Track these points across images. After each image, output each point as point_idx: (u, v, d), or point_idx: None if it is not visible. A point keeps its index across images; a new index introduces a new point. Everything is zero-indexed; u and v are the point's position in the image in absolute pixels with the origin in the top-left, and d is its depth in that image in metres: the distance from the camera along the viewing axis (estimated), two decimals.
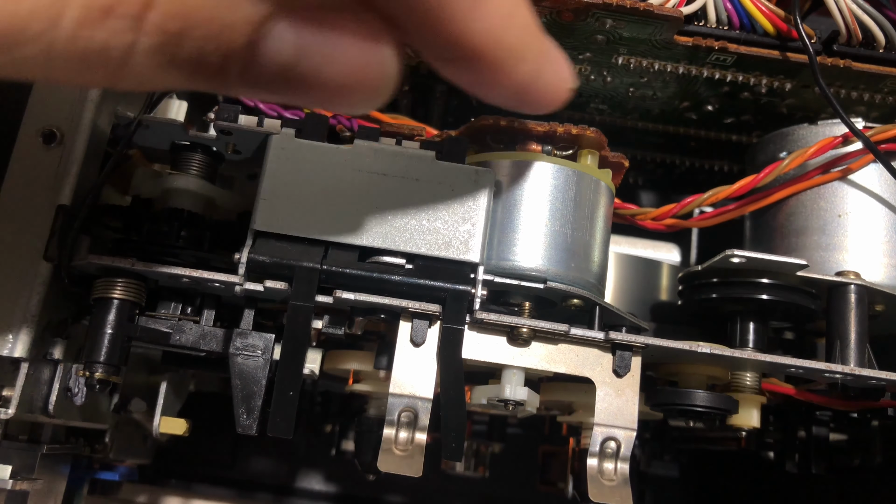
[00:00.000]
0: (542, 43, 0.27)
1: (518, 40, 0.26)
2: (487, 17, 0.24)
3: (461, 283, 0.36)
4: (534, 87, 0.28)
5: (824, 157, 0.45)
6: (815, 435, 0.51)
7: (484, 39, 0.25)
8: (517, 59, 0.26)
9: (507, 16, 0.25)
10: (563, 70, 0.29)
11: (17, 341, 0.37)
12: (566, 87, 0.29)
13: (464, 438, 0.36)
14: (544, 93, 0.29)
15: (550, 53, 0.28)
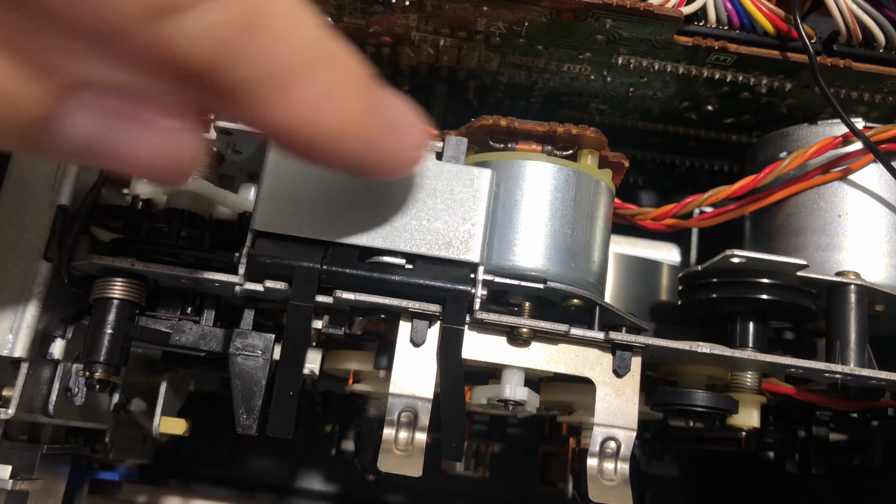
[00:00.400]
0: (371, 119, 0.28)
1: (337, 121, 0.26)
2: (295, 102, 0.25)
3: (461, 283, 0.36)
4: (369, 159, 0.29)
5: (824, 157, 0.45)
6: (815, 435, 0.51)
7: (295, 124, 0.25)
8: (340, 138, 0.27)
9: (321, 99, 0.25)
10: (407, 136, 0.30)
11: (17, 341, 0.37)
12: (414, 153, 0.30)
13: (464, 438, 0.36)
14: (384, 163, 0.29)
15: (385, 126, 0.28)
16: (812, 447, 0.51)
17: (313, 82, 0.25)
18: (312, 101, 0.25)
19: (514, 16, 0.43)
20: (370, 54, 0.49)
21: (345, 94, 0.26)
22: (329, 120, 0.26)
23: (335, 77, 0.26)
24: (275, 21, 0.23)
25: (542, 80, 0.50)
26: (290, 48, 0.24)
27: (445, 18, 0.44)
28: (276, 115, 0.25)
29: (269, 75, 0.24)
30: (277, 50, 0.23)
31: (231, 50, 0.23)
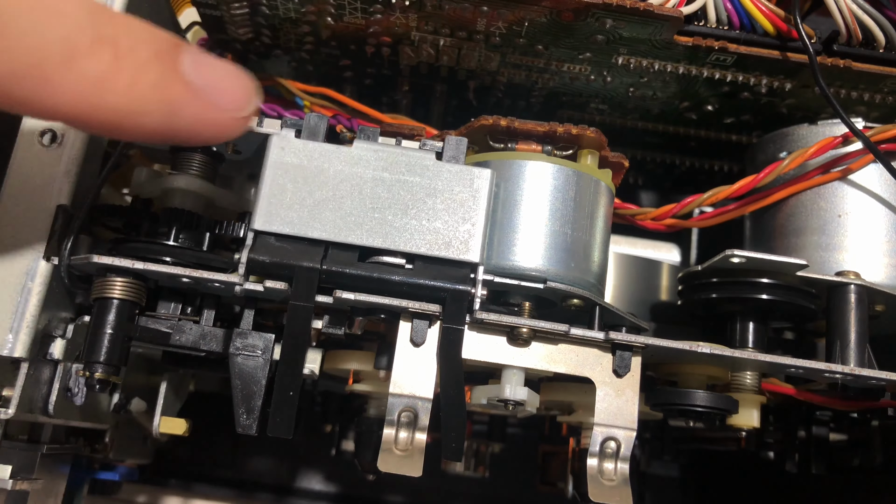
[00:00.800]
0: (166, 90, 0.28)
1: (123, 100, 0.26)
2: (66, 90, 0.25)
3: (461, 283, 0.36)
4: (175, 130, 0.29)
5: (824, 157, 0.45)
6: (815, 435, 0.51)
7: (76, 110, 0.26)
8: (133, 114, 0.27)
9: (95, 82, 0.25)
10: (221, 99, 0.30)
11: (17, 341, 0.37)
12: (232, 114, 0.30)
13: (464, 438, 0.36)
14: (195, 130, 0.30)
15: (188, 94, 0.29)
16: (812, 447, 0.51)
17: (79, 69, 0.25)
18: (86, 85, 0.25)
19: (514, 16, 0.43)
20: (370, 54, 0.49)
21: (123, 74, 0.26)
22: (113, 100, 0.26)
23: (106, 59, 0.26)
24: (14, 18, 0.23)
25: (542, 80, 0.50)
26: (39, 43, 0.24)
27: (445, 18, 0.44)
28: (52, 103, 0.25)
29: (21, 71, 0.24)
30: (22, 48, 0.24)
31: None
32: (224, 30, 0.49)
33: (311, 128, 0.38)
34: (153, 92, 0.27)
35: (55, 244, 0.38)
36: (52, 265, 0.38)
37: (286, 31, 0.48)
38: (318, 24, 0.47)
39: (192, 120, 0.29)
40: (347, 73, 0.52)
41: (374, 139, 0.39)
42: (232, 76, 0.30)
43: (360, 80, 0.53)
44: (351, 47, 0.49)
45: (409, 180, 0.37)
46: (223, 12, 0.47)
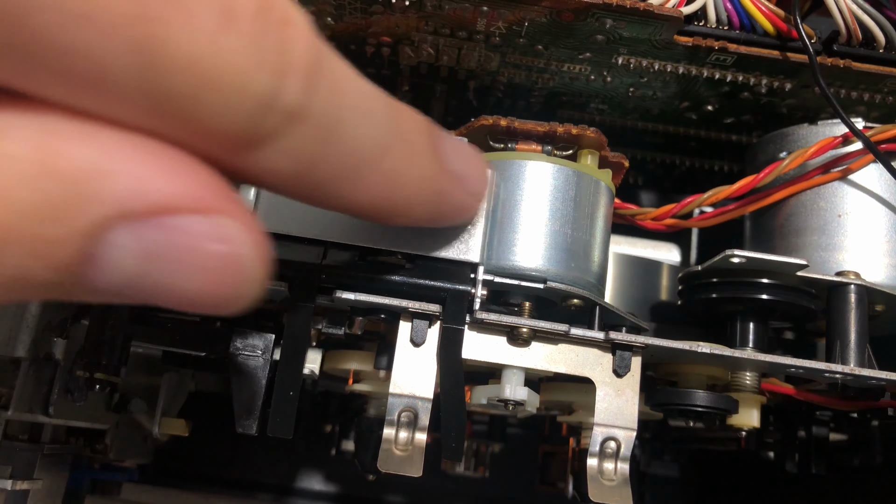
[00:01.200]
0: (440, 180, 0.27)
1: (410, 193, 0.26)
2: (369, 186, 0.25)
3: (461, 283, 0.36)
4: (439, 215, 0.29)
5: (824, 157, 0.45)
6: (815, 435, 0.51)
7: (369, 204, 0.25)
8: (413, 205, 0.27)
9: (393, 178, 0.25)
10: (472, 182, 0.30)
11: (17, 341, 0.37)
12: (480, 196, 0.30)
13: (464, 438, 0.36)
14: (453, 215, 0.30)
15: (453, 181, 0.28)
16: (812, 447, 0.51)
17: (385, 165, 0.25)
18: (386, 181, 0.25)
19: (514, 16, 0.43)
20: (370, 54, 0.49)
21: (415, 167, 0.26)
22: (402, 194, 0.26)
23: (405, 153, 0.25)
24: (350, 123, 0.23)
25: (542, 80, 0.50)
26: (363, 142, 0.24)
27: (445, 18, 0.44)
28: (351, 200, 0.25)
29: (344, 171, 0.23)
30: (351, 149, 0.23)
31: (310, 163, 0.22)
32: None
33: None
34: (431, 184, 0.27)
35: None
36: None
37: None
38: (318, 24, 0.47)
39: (452, 207, 0.29)
40: None
41: None
42: (476, 160, 0.30)
43: None
44: (351, 47, 0.49)
45: None
46: None
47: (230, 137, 0.20)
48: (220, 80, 0.19)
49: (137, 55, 0.18)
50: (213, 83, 0.19)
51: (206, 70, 0.19)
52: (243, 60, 0.19)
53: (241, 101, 0.20)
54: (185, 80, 0.19)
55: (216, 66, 0.19)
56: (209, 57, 0.19)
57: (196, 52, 0.19)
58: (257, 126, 0.20)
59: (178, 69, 0.18)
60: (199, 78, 0.19)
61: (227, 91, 0.19)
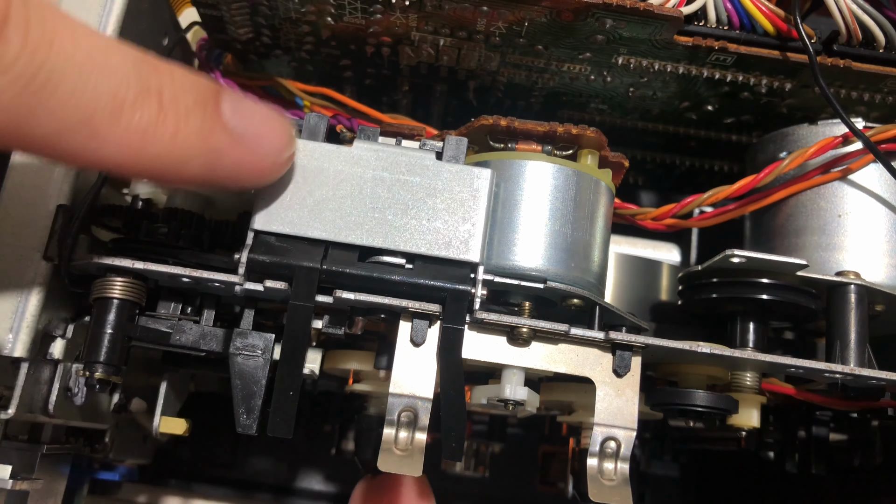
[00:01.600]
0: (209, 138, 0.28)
1: (167, 149, 0.27)
2: (112, 142, 0.25)
3: (461, 282, 0.36)
4: (217, 176, 0.29)
5: (824, 157, 0.45)
6: (815, 435, 0.51)
7: (122, 160, 0.26)
8: (177, 163, 0.27)
9: (140, 134, 0.26)
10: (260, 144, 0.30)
11: (17, 341, 0.37)
12: (272, 159, 0.31)
13: (464, 438, 0.36)
14: (236, 176, 0.30)
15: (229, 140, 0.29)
16: (812, 447, 0.51)
17: (129, 119, 0.25)
18: (132, 137, 0.25)
19: (514, 16, 0.43)
20: (370, 54, 0.49)
21: (168, 124, 0.26)
22: (158, 150, 0.26)
23: (151, 110, 0.26)
24: (66, 76, 0.23)
25: (542, 80, 0.50)
26: (88, 99, 0.24)
27: (445, 18, 0.44)
28: (99, 155, 0.25)
29: (71, 126, 0.24)
30: (72, 104, 0.24)
31: (24, 113, 0.23)
32: (224, 30, 0.49)
33: (311, 128, 0.38)
34: (196, 140, 0.28)
35: (55, 244, 0.38)
36: (52, 265, 0.38)
37: (286, 31, 0.48)
38: (318, 24, 0.47)
39: (232, 166, 0.30)
40: (347, 73, 0.52)
41: (374, 139, 0.39)
42: (271, 121, 0.31)
43: (360, 80, 0.53)
44: (351, 47, 0.49)
45: (409, 180, 0.37)
46: (223, 12, 0.47)
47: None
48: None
49: None
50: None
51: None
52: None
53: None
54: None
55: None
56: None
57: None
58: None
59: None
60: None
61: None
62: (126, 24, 0.42)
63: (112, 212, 0.41)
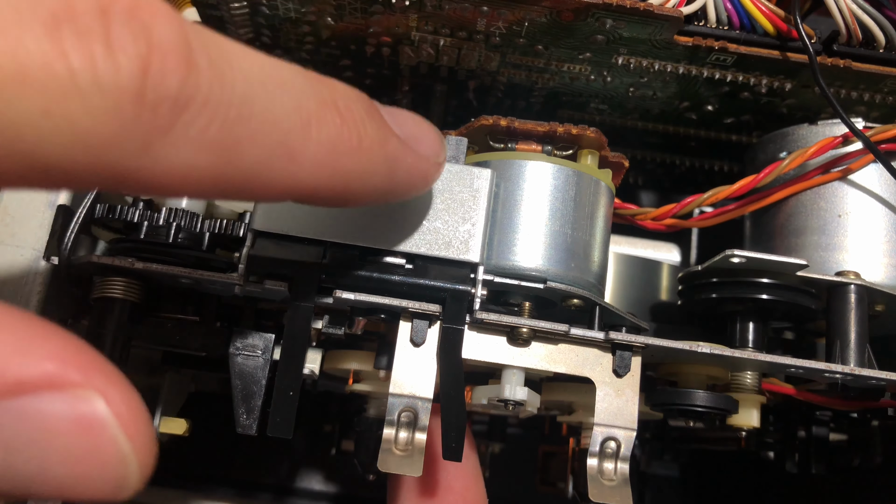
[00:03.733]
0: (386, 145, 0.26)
1: (355, 162, 0.25)
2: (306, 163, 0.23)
3: (461, 283, 0.36)
4: (397, 184, 0.28)
5: (824, 157, 0.45)
6: (815, 435, 0.51)
7: (314, 182, 0.24)
8: (364, 176, 0.26)
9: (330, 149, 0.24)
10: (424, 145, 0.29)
11: None
12: (436, 159, 0.30)
13: (464, 438, 0.36)
14: (413, 181, 0.29)
15: (401, 146, 0.27)
16: (812, 447, 0.51)
17: (318, 134, 0.24)
18: (324, 153, 0.24)
19: (514, 16, 0.43)
20: (370, 54, 0.49)
21: (352, 134, 0.25)
22: (347, 163, 0.25)
23: (335, 121, 0.24)
24: (261, 95, 0.22)
25: (542, 80, 0.50)
26: (281, 117, 0.22)
27: (445, 18, 0.44)
28: (298, 180, 0.24)
29: (272, 150, 0.22)
30: (270, 126, 0.22)
31: (229, 148, 0.21)
32: (224, 30, 0.49)
33: None
34: (378, 149, 0.26)
35: (55, 244, 0.38)
36: (52, 265, 0.38)
37: (286, 31, 0.48)
38: (318, 24, 0.47)
39: (407, 173, 0.28)
40: (347, 73, 0.52)
41: None
42: (423, 123, 0.30)
43: (360, 80, 0.53)
44: (351, 47, 0.49)
45: None
46: (223, 12, 0.47)
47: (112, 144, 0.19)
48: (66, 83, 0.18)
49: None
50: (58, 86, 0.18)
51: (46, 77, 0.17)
52: (87, 56, 0.18)
53: (103, 100, 0.18)
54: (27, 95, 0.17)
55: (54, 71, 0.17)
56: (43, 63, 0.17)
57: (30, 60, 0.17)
58: (139, 122, 0.19)
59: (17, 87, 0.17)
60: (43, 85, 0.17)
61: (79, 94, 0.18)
62: None
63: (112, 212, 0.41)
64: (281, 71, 0.23)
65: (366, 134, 0.25)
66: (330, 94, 0.25)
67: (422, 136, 0.29)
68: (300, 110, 0.23)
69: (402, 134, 0.28)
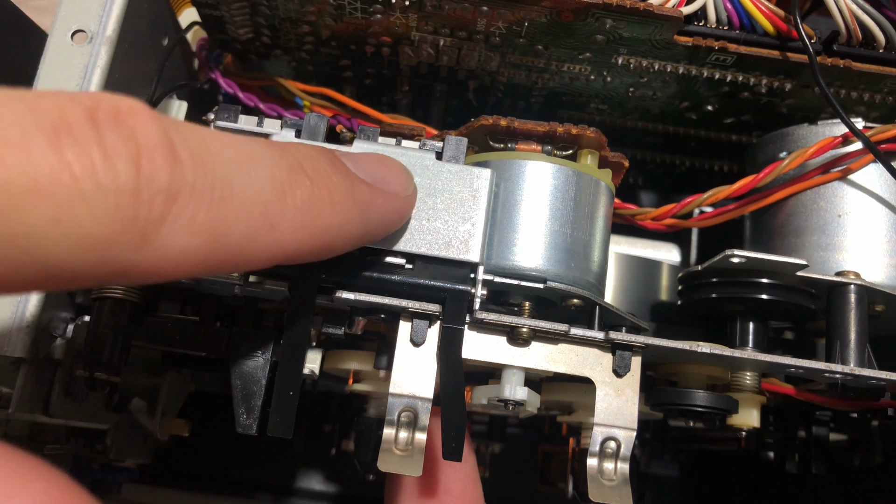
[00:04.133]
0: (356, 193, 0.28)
1: (331, 217, 0.27)
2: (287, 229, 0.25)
3: (461, 283, 0.36)
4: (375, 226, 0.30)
5: (824, 157, 0.45)
6: (815, 435, 0.51)
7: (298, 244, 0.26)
8: (341, 227, 0.28)
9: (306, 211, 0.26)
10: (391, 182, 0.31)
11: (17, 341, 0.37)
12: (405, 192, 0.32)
13: (464, 438, 0.36)
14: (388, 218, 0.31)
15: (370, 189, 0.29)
16: (812, 447, 0.51)
17: (293, 200, 0.25)
18: (302, 215, 0.26)
19: (514, 16, 0.43)
20: (370, 54, 0.49)
21: (323, 192, 0.27)
22: (323, 221, 0.26)
23: (306, 184, 0.26)
24: (237, 173, 0.23)
25: (542, 80, 0.50)
26: (258, 191, 0.24)
27: (445, 18, 0.44)
28: (280, 246, 0.25)
29: (255, 222, 0.24)
30: (250, 201, 0.24)
31: (217, 228, 0.23)
32: (224, 30, 0.49)
33: (311, 128, 0.38)
34: (349, 201, 0.28)
35: None
36: None
37: (286, 31, 0.48)
38: (318, 24, 0.47)
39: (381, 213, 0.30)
40: (347, 73, 0.53)
41: (374, 139, 0.39)
42: (385, 161, 0.32)
43: (360, 80, 0.53)
44: (351, 47, 0.49)
45: None
46: (223, 12, 0.47)
47: (114, 241, 0.20)
48: (72, 191, 0.19)
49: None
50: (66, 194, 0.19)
51: (55, 187, 0.19)
52: (88, 164, 0.19)
53: (105, 202, 0.20)
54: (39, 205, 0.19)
55: (62, 181, 0.19)
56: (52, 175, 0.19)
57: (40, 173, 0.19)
58: (137, 218, 0.20)
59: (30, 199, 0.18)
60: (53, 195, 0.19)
61: (84, 199, 0.19)
62: (126, 24, 0.42)
63: None
64: (251, 147, 0.25)
65: (335, 188, 0.27)
66: (296, 159, 0.26)
67: (387, 175, 0.31)
68: (274, 181, 0.25)
69: (368, 178, 0.30)
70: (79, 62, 0.40)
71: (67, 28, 0.41)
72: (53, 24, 0.41)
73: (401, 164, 0.33)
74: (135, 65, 0.44)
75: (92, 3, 0.41)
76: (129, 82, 0.43)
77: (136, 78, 0.44)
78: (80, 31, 0.41)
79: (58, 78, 0.39)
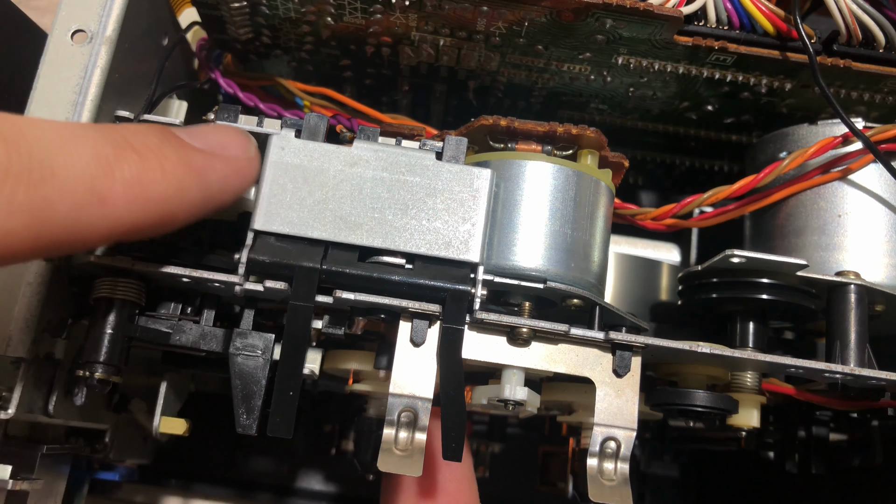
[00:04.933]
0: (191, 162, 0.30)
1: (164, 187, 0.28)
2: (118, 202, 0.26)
3: (461, 283, 0.36)
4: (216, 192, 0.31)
5: (824, 157, 0.45)
6: (815, 435, 0.51)
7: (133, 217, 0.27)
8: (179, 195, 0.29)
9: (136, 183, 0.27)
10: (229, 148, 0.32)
11: (17, 341, 0.37)
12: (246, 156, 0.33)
13: (464, 438, 0.36)
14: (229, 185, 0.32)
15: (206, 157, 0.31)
16: (812, 447, 0.51)
17: (120, 176, 0.26)
18: (132, 187, 0.27)
19: (514, 16, 0.43)
20: (370, 54, 0.49)
21: (153, 164, 0.28)
22: (159, 189, 0.28)
23: (133, 158, 0.27)
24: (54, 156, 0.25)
25: (542, 80, 0.50)
26: (82, 168, 0.25)
27: (445, 18, 0.44)
28: (115, 218, 0.26)
29: (82, 196, 0.25)
30: (73, 179, 0.25)
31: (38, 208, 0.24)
32: (224, 30, 0.49)
33: (311, 128, 0.38)
34: (182, 169, 0.29)
35: None
36: (52, 265, 0.38)
37: (286, 31, 0.48)
38: (318, 24, 0.47)
39: (221, 177, 0.31)
40: (347, 73, 0.53)
41: (374, 139, 0.39)
42: (222, 128, 0.33)
43: (360, 80, 0.53)
44: (351, 47, 0.49)
45: (408, 180, 0.37)
46: (223, 12, 0.47)
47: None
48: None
49: None
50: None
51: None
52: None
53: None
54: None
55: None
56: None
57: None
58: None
59: None
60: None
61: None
62: (126, 24, 0.42)
63: None
64: (73, 129, 0.26)
65: (166, 159, 0.28)
66: (122, 137, 0.28)
67: (226, 140, 0.32)
68: (98, 157, 0.26)
69: (205, 146, 0.31)
70: (79, 62, 0.40)
71: (67, 28, 0.41)
72: (53, 24, 0.41)
73: (241, 130, 0.34)
74: (135, 65, 0.44)
75: (92, 3, 0.41)
76: (128, 82, 0.43)
77: (135, 78, 0.44)
78: (80, 30, 0.41)
79: (58, 78, 0.39)
